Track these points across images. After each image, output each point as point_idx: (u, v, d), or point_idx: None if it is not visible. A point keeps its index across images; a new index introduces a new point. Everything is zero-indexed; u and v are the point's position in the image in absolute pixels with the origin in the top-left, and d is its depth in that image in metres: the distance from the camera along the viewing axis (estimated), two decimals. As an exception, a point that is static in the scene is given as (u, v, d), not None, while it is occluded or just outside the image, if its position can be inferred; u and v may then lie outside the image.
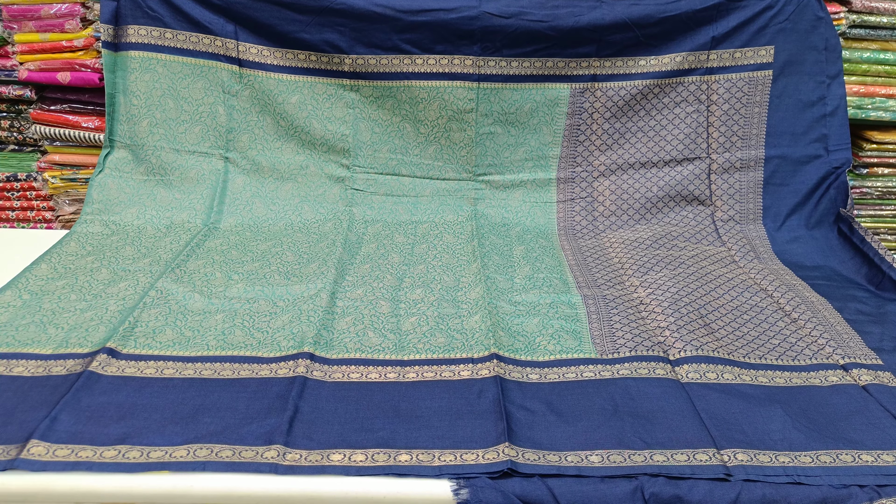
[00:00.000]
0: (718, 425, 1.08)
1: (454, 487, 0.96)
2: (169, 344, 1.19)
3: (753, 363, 1.24)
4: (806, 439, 1.07)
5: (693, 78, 1.66)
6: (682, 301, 1.39)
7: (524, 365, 1.21)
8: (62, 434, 0.97)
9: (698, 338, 1.28)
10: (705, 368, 1.20)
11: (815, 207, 1.69)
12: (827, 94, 1.66)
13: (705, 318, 1.34)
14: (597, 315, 1.36)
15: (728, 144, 1.68)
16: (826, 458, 1.03)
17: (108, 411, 1.03)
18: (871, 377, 1.21)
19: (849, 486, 0.98)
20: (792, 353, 1.27)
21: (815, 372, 1.23)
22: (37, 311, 1.26)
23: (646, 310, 1.36)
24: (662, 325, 1.31)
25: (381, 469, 0.97)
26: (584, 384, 1.17)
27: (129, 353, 1.16)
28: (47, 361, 1.13)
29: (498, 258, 1.56)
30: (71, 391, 1.05)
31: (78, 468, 0.93)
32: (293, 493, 0.95)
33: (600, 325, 1.33)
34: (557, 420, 1.08)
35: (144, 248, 1.50)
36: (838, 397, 1.17)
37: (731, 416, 1.11)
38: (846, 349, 1.28)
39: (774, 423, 1.10)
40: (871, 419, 1.12)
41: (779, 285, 1.45)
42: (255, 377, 1.13)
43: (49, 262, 1.42)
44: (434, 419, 1.07)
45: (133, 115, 2.33)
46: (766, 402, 1.14)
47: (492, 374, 1.15)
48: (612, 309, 1.37)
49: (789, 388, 1.18)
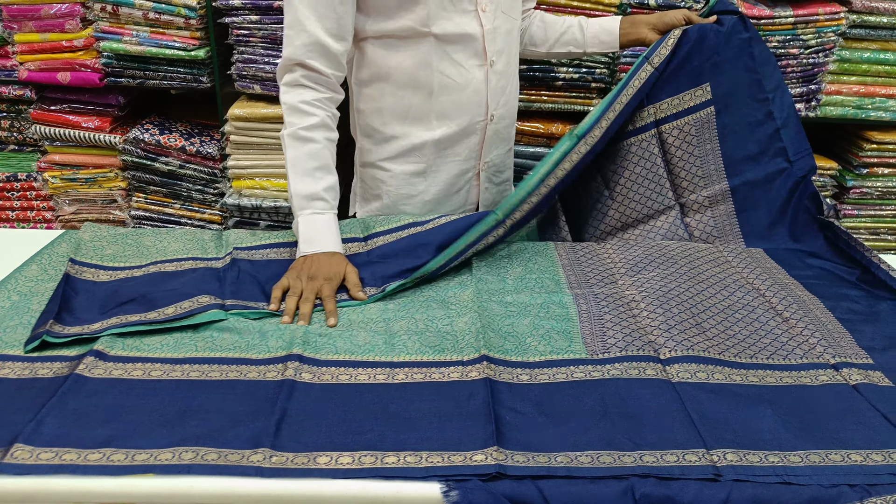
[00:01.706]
0: (708, 426, 1.08)
1: (444, 489, 0.96)
2: (157, 346, 1.19)
3: (744, 363, 1.24)
4: (795, 439, 1.06)
5: (644, 135, 1.69)
6: (673, 300, 1.38)
7: (514, 366, 1.20)
8: (47, 437, 0.97)
9: (689, 337, 1.27)
10: (696, 368, 1.20)
11: (794, 220, 1.68)
12: (773, 109, 1.65)
13: (697, 318, 1.34)
14: (588, 314, 1.35)
15: (692, 187, 1.69)
16: (815, 458, 1.03)
17: (95, 414, 1.03)
18: (861, 377, 1.20)
19: (838, 485, 0.98)
20: (783, 353, 1.27)
21: (805, 371, 1.22)
22: (25, 313, 1.26)
23: (637, 307, 1.36)
24: (653, 324, 1.30)
25: (368, 471, 0.97)
26: (574, 385, 1.16)
27: (116, 354, 1.16)
28: (34, 364, 1.13)
29: (489, 259, 1.56)
30: (57, 394, 1.05)
31: (62, 471, 0.93)
32: (280, 494, 0.95)
33: (591, 325, 1.32)
34: (547, 421, 1.08)
35: (133, 248, 1.50)
36: (829, 397, 1.17)
37: (722, 416, 1.10)
38: (837, 348, 1.28)
39: (764, 423, 1.09)
40: (860, 419, 1.12)
41: (771, 284, 1.45)
42: (242, 379, 1.13)
43: (39, 263, 1.42)
44: (423, 421, 1.07)
45: None
46: (756, 402, 1.14)
47: (482, 376, 1.15)
48: (604, 308, 1.37)
49: (780, 387, 1.18)
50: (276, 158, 2.77)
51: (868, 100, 2.77)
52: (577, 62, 2.70)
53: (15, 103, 2.84)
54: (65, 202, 2.95)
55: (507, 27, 1.66)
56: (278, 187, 2.79)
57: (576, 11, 2.60)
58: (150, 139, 2.77)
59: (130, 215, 2.97)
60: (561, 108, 2.78)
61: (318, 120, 1.52)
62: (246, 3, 2.58)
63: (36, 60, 2.69)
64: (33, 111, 2.79)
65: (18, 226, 2.98)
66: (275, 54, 2.68)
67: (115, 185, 2.91)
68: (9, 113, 2.87)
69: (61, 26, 2.64)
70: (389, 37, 1.58)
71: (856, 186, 2.90)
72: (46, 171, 2.88)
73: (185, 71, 2.71)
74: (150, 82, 2.73)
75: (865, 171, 2.86)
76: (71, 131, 2.79)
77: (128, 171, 2.88)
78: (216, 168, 2.84)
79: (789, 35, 2.63)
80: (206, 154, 2.80)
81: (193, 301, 1.28)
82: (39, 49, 2.67)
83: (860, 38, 2.69)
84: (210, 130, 2.94)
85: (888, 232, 3.01)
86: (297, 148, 1.51)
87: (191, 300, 1.28)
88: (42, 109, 2.80)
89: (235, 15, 2.61)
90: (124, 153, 2.82)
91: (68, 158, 2.87)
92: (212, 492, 0.94)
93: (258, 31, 2.64)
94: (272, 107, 2.70)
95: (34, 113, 2.79)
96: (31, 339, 1.18)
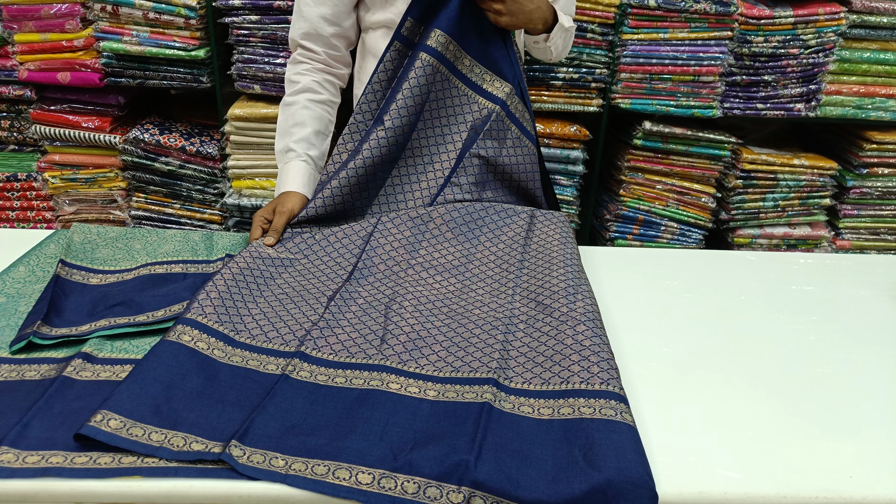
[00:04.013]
0: None
1: None
2: (145, 348, 1.19)
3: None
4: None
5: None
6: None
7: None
8: (33, 440, 0.97)
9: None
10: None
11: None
12: None
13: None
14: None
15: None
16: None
17: (82, 416, 1.02)
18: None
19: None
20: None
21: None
22: (12, 315, 1.26)
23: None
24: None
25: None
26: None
27: (104, 357, 1.15)
28: (21, 366, 1.13)
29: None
30: (44, 397, 1.05)
31: (48, 474, 0.93)
32: (283, 492, 0.94)
33: None
34: None
35: (123, 251, 1.50)
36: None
37: None
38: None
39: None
40: None
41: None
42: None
43: (27, 264, 1.42)
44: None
45: None
46: None
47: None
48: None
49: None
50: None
51: (868, 100, 2.77)
52: (577, 62, 2.70)
53: (15, 103, 2.85)
54: (65, 202, 2.95)
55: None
56: (277, 187, 2.79)
57: (576, 11, 2.60)
58: (150, 139, 2.78)
59: (130, 215, 2.97)
60: (561, 108, 2.78)
61: (300, 86, 1.66)
62: (246, 3, 2.58)
63: (36, 60, 2.70)
64: (33, 111, 2.80)
65: (18, 226, 2.99)
66: (274, 54, 2.68)
67: (115, 185, 2.91)
68: (9, 113, 2.87)
69: (61, 26, 2.65)
70: (389, 27, 1.63)
71: (856, 186, 2.89)
72: (46, 171, 2.89)
73: (185, 71, 2.72)
74: (150, 82, 2.74)
75: (865, 171, 2.85)
76: (71, 131, 2.79)
77: (128, 171, 2.89)
78: (216, 168, 2.84)
79: (789, 35, 2.63)
80: (206, 154, 2.80)
81: (183, 305, 1.27)
82: (39, 49, 2.68)
83: (860, 38, 2.69)
84: (210, 130, 2.94)
85: (888, 232, 3.00)
86: (282, 113, 1.68)
87: (181, 304, 1.28)
88: (42, 109, 2.80)
89: (235, 15, 2.61)
90: (124, 153, 2.83)
91: (68, 158, 2.87)
92: (201, 493, 0.94)
93: (258, 31, 2.64)
94: (272, 107, 2.70)
95: (34, 113, 2.80)
96: (18, 339, 1.18)
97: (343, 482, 0.92)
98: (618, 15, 2.64)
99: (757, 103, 2.76)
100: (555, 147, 2.82)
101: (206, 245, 1.54)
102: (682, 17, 2.62)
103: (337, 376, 1.11)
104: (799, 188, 2.90)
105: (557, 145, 2.82)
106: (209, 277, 1.40)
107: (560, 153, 2.82)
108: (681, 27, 2.64)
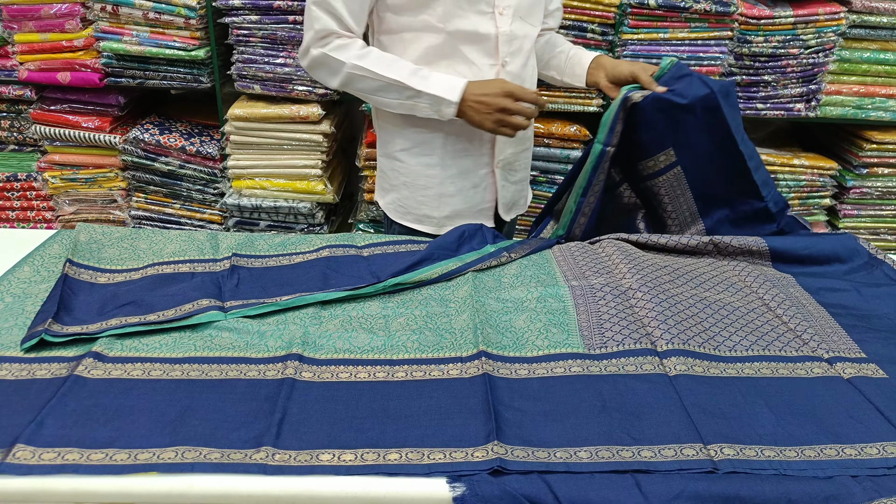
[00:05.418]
0: (705, 420, 1.08)
1: (450, 482, 0.96)
2: (156, 346, 1.19)
3: (740, 356, 1.24)
4: (791, 434, 1.07)
5: (622, 189, 1.78)
6: (669, 291, 1.39)
7: (512, 361, 1.21)
8: (48, 438, 0.97)
9: (685, 329, 1.28)
10: (692, 362, 1.20)
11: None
12: (745, 153, 1.63)
13: (692, 310, 1.35)
14: (584, 306, 1.36)
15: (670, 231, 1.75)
16: (811, 453, 1.03)
17: (95, 414, 1.03)
18: (854, 370, 1.21)
19: (834, 477, 0.99)
20: (777, 345, 1.28)
21: (800, 364, 1.23)
22: (20, 315, 1.26)
23: (634, 297, 1.36)
24: (650, 315, 1.31)
25: (371, 468, 0.97)
26: (572, 380, 1.17)
27: (115, 355, 1.16)
28: (31, 365, 1.13)
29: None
30: (57, 395, 1.05)
31: (65, 471, 0.93)
32: (284, 492, 0.95)
33: (588, 317, 1.32)
34: (546, 417, 1.08)
35: (129, 251, 1.50)
36: (823, 390, 1.17)
37: (718, 410, 1.11)
38: (830, 343, 1.29)
39: (760, 418, 1.10)
40: (854, 413, 1.12)
41: (763, 281, 1.46)
42: (243, 378, 1.13)
43: (31, 264, 1.42)
44: (423, 418, 1.07)
45: None
46: (752, 397, 1.15)
47: (480, 372, 1.15)
48: (601, 299, 1.37)
49: (775, 380, 1.18)
50: (276, 158, 2.78)
51: (868, 100, 2.78)
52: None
53: (15, 103, 2.84)
54: (65, 202, 2.95)
55: (524, 32, 1.68)
56: (278, 187, 2.79)
57: (576, 11, 2.60)
58: (150, 139, 2.78)
59: (130, 215, 2.97)
60: (561, 108, 2.79)
61: (353, 41, 1.61)
62: (246, 3, 2.58)
63: (36, 60, 2.69)
64: (33, 111, 2.79)
65: (18, 226, 2.99)
66: (274, 54, 2.68)
67: (115, 185, 2.91)
68: (9, 113, 2.87)
69: (61, 26, 2.65)
70: (405, 31, 1.63)
71: (856, 186, 2.90)
72: (46, 171, 2.88)
73: (185, 71, 2.72)
74: (150, 82, 2.74)
75: (865, 171, 2.86)
76: (71, 131, 2.79)
77: (128, 171, 2.89)
78: (216, 168, 2.84)
79: (789, 35, 2.63)
80: (206, 154, 2.80)
81: (193, 304, 1.28)
82: (39, 49, 2.68)
83: (860, 38, 2.70)
84: (210, 130, 2.94)
85: (888, 232, 3.01)
86: (361, 60, 1.60)
87: (191, 303, 1.28)
88: (42, 109, 2.80)
89: (235, 15, 2.61)
90: (124, 153, 2.83)
91: (68, 158, 2.87)
92: (215, 491, 0.94)
93: (258, 31, 2.64)
94: (272, 107, 2.70)
95: (34, 113, 2.79)
96: (29, 336, 1.18)
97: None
98: (618, 15, 2.64)
99: (757, 103, 2.77)
100: (555, 147, 2.82)
101: (212, 244, 1.54)
102: (682, 16, 2.62)
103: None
104: (799, 188, 2.91)
105: (557, 145, 2.82)
106: (216, 276, 1.41)
107: (560, 153, 2.82)
108: (681, 27, 2.65)
